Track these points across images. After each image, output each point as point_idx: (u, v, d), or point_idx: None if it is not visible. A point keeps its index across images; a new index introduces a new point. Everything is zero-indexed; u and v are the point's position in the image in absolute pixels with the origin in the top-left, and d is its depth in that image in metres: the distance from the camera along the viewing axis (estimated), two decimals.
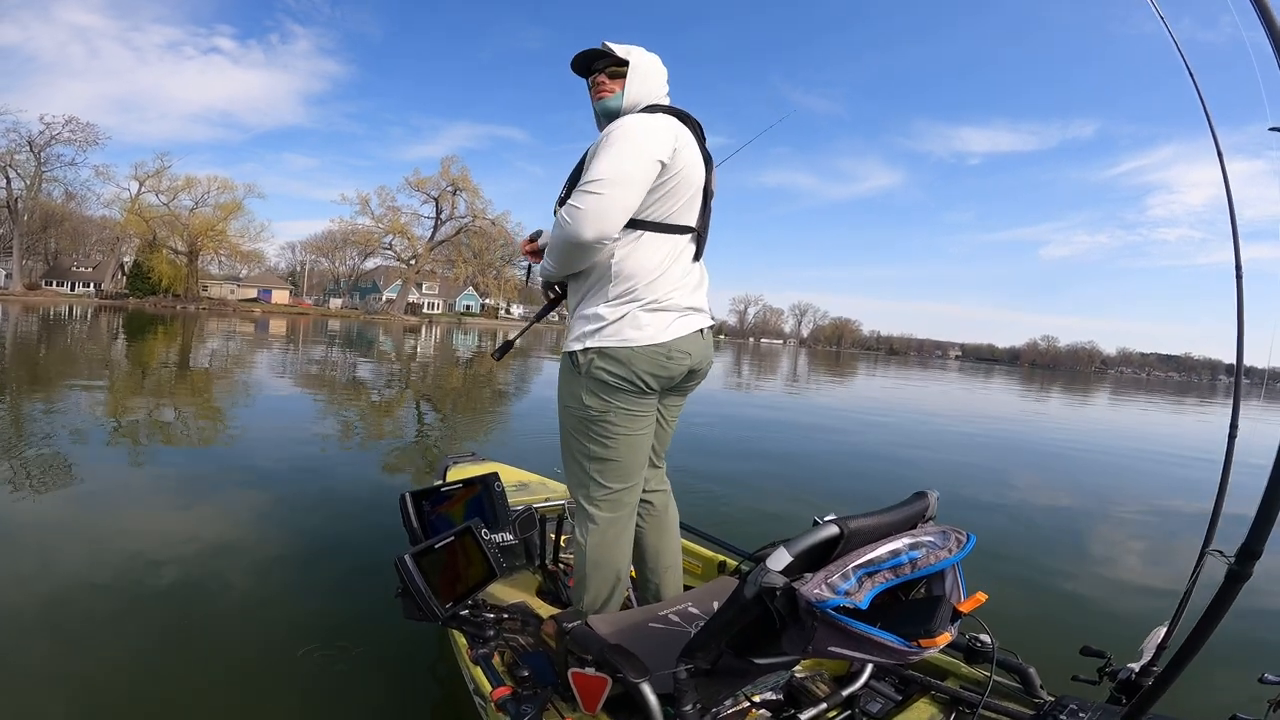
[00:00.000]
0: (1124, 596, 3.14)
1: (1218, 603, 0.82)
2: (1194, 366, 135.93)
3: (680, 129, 1.56)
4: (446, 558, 1.63)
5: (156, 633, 2.18)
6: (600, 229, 1.42)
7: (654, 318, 1.53)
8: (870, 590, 0.99)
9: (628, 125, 1.48)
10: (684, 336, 1.57)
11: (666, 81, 1.68)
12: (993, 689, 1.35)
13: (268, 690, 1.93)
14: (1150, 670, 1.19)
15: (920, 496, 1.19)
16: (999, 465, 7.00)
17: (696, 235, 1.63)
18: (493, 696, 1.39)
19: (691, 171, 1.56)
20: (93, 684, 1.87)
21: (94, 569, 2.61)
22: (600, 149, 1.46)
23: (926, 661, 1.50)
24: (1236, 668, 1.58)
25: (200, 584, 2.56)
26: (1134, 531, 4.67)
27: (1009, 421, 12.08)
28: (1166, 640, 1.18)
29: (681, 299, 1.58)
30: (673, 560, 1.83)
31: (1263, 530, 0.79)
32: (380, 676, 2.01)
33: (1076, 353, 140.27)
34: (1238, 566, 0.81)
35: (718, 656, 1.18)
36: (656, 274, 1.54)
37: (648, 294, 1.53)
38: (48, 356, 10.86)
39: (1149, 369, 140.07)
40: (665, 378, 1.57)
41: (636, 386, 1.54)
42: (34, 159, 47.47)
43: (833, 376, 23.26)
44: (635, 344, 1.51)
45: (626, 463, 1.61)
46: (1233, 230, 1.45)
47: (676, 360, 1.57)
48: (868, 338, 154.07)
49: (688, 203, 1.58)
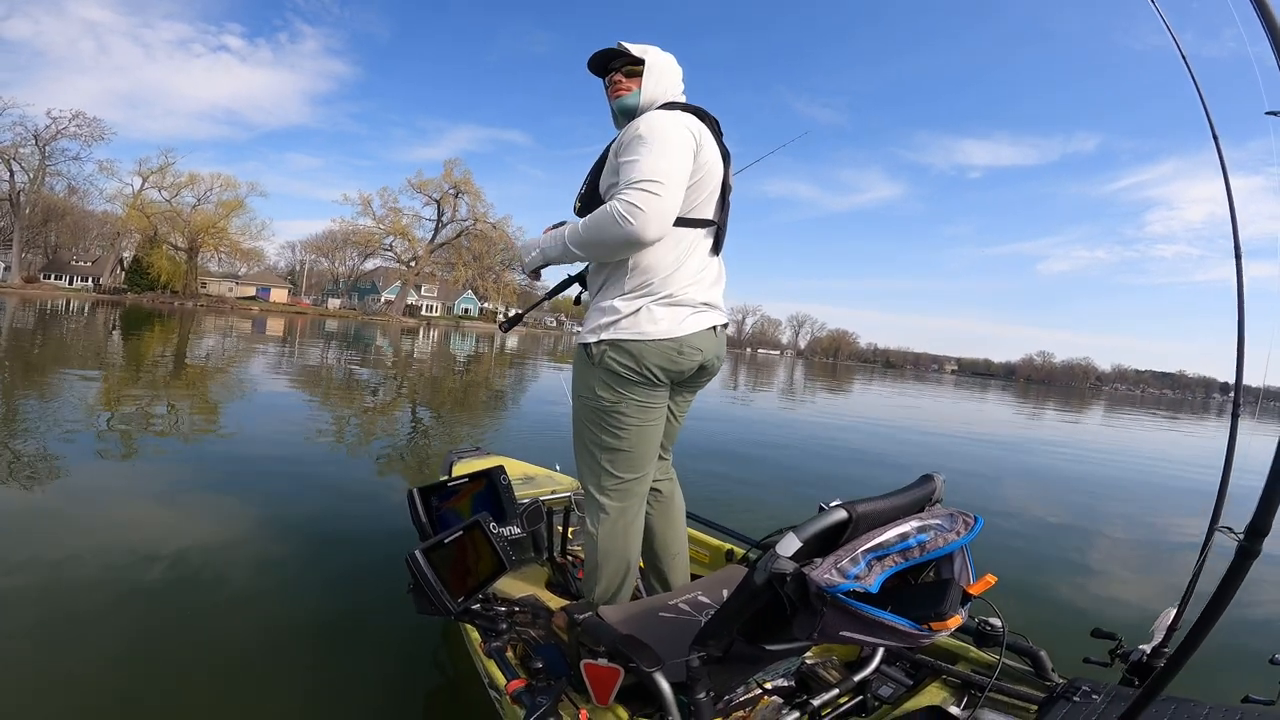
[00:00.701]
0: (1135, 578, 3.13)
1: (1228, 580, 0.82)
2: (1189, 384, 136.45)
3: (699, 125, 1.59)
4: (456, 552, 1.63)
5: (156, 629, 2.14)
6: (661, 228, 1.45)
7: (668, 312, 1.55)
8: (880, 574, 1.00)
9: (662, 124, 1.49)
10: (697, 333, 1.59)
11: (682, 80, 1.71)
12: (1003, 672, 1.35)
13: (270, 687, 1.90)
14: (1162, 651, 1.19)
15: (927, 479, 1.19)
16: (1002, 475, 7.04)
17: (716, 229, 1.66)
18: (508, 689, 1.39)
19: (713, 166, 1.60)
20: (88, 680, 1.83)
21: (91, 564, 2.56)
22: (639, 146, 1.46)
23: (937, 645, 1.49)
24: (1248, 648, 1.55)
25: (199, 580, 2.52)
26: (1142, 520, 4.71)
27: (1009, 435, 12.12)
28: (1177, 621, 1.18)
29: (697, 294, 1.60)
30: (680, 548, 1.85)
31: (1270, 506, 0.80)
32: (384, 672, 2.00)
33: (1072, 368, 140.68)
34: (1247, 543, 0.82)
35: (729, 644, 1.19)
36: (673, 268, 1.56)
37: (663, 288, 1.55)
38: (42, 350, 10.82)
39: (1143, 386, 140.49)
40: (675, 372, 1.60)
41: (646, 379, 1.57)
42: (39, 153, 47.40)
43: (830, 389, 23.26)
44: (648, 337, 1.53)
45: (637, 454, 1.63)
46: (1233, 227, 1.47)
47: (688, 356, 1.59)
48: (865, 350, 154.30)
49: (709, 197, 1.61)
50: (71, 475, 3.68)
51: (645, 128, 1.48)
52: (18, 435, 4.52)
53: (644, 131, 1.47)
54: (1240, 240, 1.43)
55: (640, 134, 1.48)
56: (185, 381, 8.31)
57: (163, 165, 51.02)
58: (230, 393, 7.75)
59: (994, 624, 1.40)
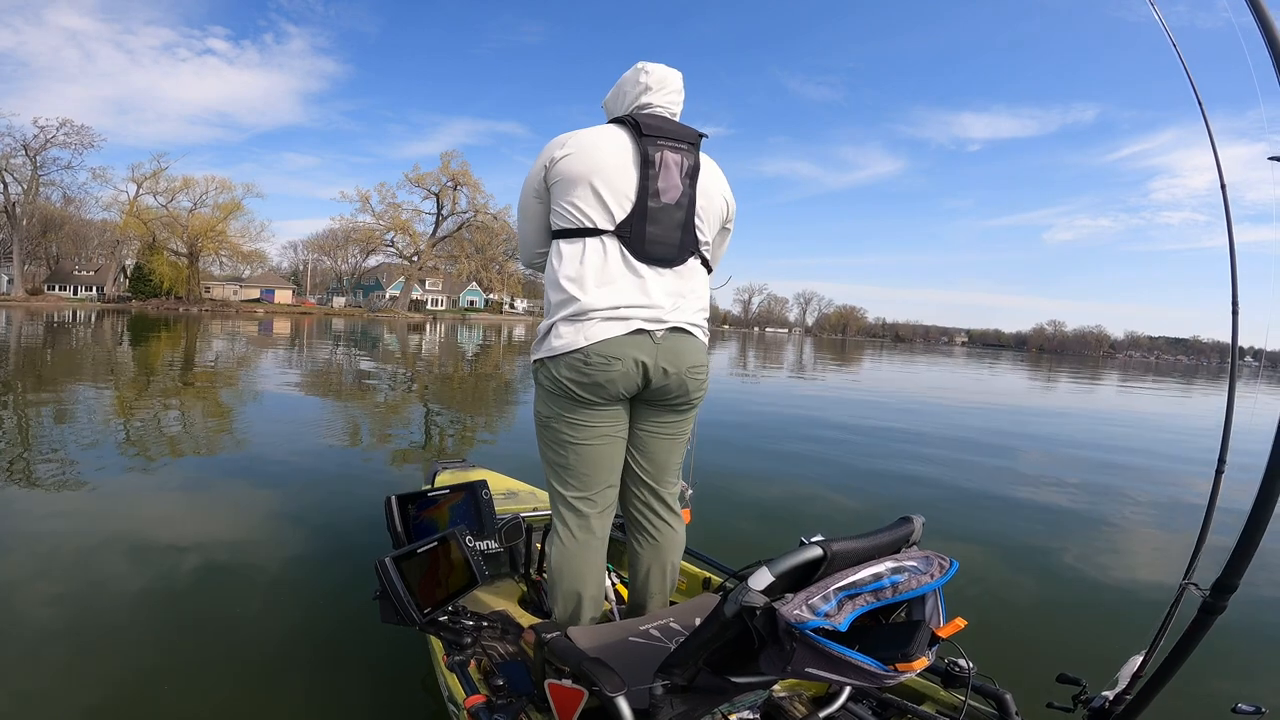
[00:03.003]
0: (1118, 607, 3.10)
1: (1190, 635, 0.80)
2: (1203, 350, 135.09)
3: (585, 137, 1.58)
4: (428, 562, 1.64)
5: (148, 632, 2.19)
6: (525, 256, 1.77)
7: (570, 326, 1.52)
8: (851, 613, 0.98)
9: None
10: (609, 339, 1.49)
11: (652, 90, 1.63)
12: (968, 714, 1.36)
13: (247, 692, 1.92)
14: (1124, 698, 1.18)
15: (905, 521, 1.18)
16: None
17: (624, 237, 1.53)
18: (466, 704, 1.38)
19: (595, 173, 1.53)
20: (74, 688, 1.87)
21: (85, 573, 2.63)
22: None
23: (904, 685, 1.50)
24: (1214, 692, 1.55)
25: (195, 585, 2.57)
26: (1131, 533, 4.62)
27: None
28: (1142, 669, 1.15)
29: (606, 300, 1.50)
30: (662, 585, 1.76)
31: (1239, 565, 0.77)
32: (365, 683, 2.00)
33: (1084, 337, 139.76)
34: (1212, 600, 0.79)
35: (695, 674, 1.17)
36: (575, 280, 1.52)
37: (568, 305, 1.53)
38: (53, 362, 10.91)
39: (1158, 352, 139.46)
40: (591, 384, 1.51)
41: (567, 393, 1.55)
42: (30, 163, 47.46)
43: (840, 366, 23.18)
44: (555, 352, 1.54)
45: (579, 471, 1.61)
46: (1225, 212, 1.38)
47: (597, 365, 1.49)
48: (873, 325, 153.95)
49: (593, 203, 1.53)
50: (83, 487, 3.76)
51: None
52: (34, 448, 4.57)
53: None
54: (1235, 239, 1.33)
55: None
56: (200, 388, 8.35)
57: (156, 170, 51.20)
58: (247, 398, 7.80)
59: (961, 665, 1.38)
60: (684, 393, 1.61)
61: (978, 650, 1.35)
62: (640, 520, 1.73)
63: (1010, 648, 2.43)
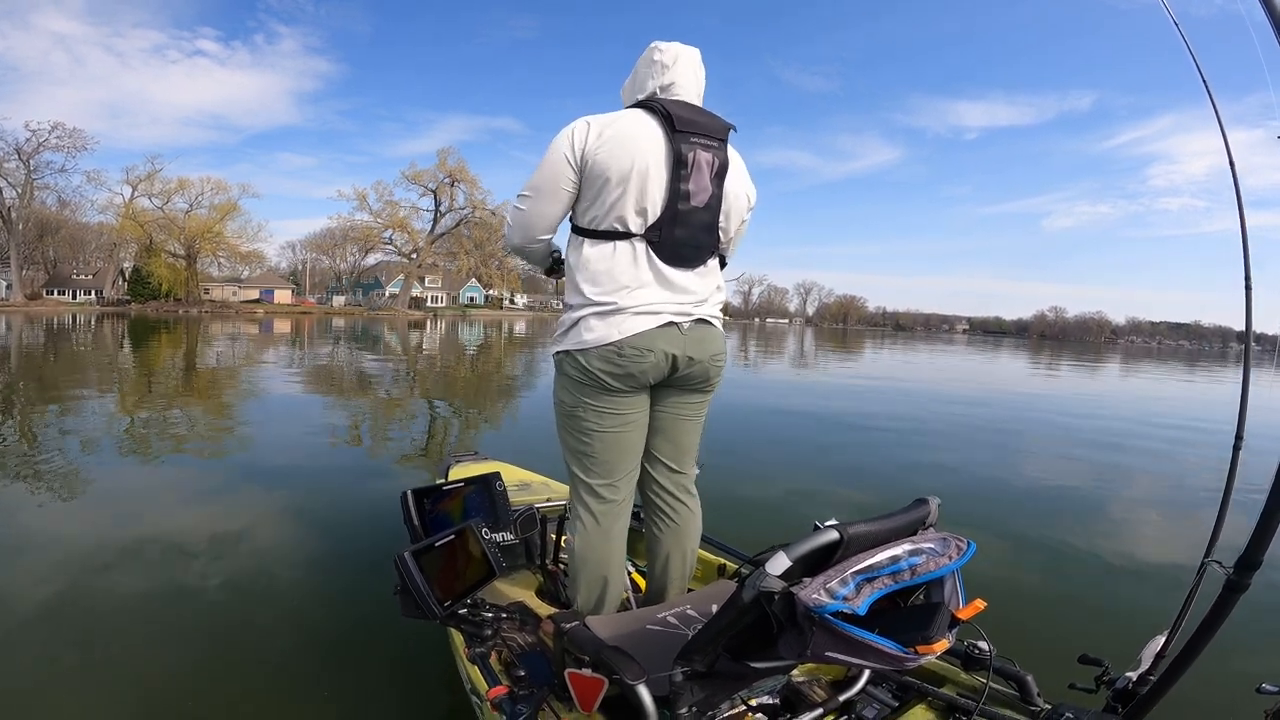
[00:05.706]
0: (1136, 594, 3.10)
1: (1214, 614, 0.80)
2: (1204, 334, 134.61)
3: (620, 126, 1.51)
4: (446, 556, 1.63)
5: (168, 633, 2.21)
6: (524, 237, 1.66)
7: (601, 321, 1.53)
8: (869, 596, 0.98)
9: (560, 133, 1.57)
10: (641, 332, 1.52)
11: (672, 70, 1.59)
12: (989, 696, 1.35)
13: (262, 688, 1.94)
14: (1147, 679, 1.17)
15: (922, 503, 1.18)
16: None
17: (653, 242, 1.53)
18: (488, 695, 1.39)
19: (625, 172, 1.49)
20: (76, 690, 1.89)
21: (86, 574, 2.65)
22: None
23: (924, 668, 1.49)
24: (1238, 674, 1.55)
25: (213, 586, 2.58)
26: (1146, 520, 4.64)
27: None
28: (1165, 649, 1.15)
29: (637, 300, 1.53)
30: (681, 571, 1.79)
31: (1262, 540, 0.77)
32: (387, 677, 2.01)
33: (1085, 323, 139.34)
34: (1236, 577, 0.79)
35: (714, 660, 1.17)
36: (607, 276, 1.52)
37: (597, 301, 1.53)
38: (55, 366, 10.91)
39: (1159, 338, 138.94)
40: (624, 375, 1.54)
41: (597, 383, 1.56)
42: (23, 167, 47.02)
43: (842, 355, 23.17)
44: (586, 345, 1.54)
45: (603, 459, 1.62)
46: (1236, 195, 1.38)
47: (630, 357, 1.52)
48: (874, 314, 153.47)
49: (626, 207, 1.51)
50: (87, 488, 3.77)
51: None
52: (39, 451, 4.57)
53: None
54: (1246, 222, 1.34)
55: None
56: (206, 390, 8.37)
57: (150, 172, 50.72)
58: (253, 398, 7.81)
59: (981, 647, 1.39)
60: (705, 378, 1.67)
61: (997, 632, 1.35)
62: (659, 504, 1.75)
63: (1030, 629, 2.42)
